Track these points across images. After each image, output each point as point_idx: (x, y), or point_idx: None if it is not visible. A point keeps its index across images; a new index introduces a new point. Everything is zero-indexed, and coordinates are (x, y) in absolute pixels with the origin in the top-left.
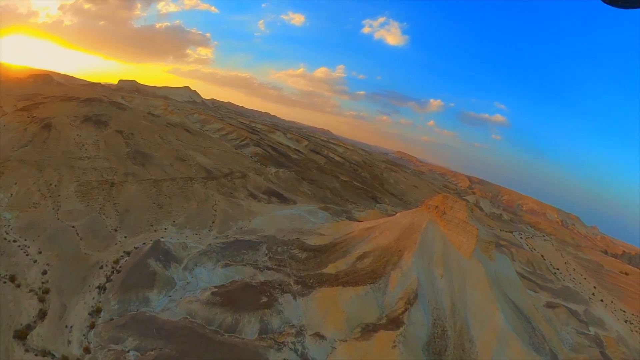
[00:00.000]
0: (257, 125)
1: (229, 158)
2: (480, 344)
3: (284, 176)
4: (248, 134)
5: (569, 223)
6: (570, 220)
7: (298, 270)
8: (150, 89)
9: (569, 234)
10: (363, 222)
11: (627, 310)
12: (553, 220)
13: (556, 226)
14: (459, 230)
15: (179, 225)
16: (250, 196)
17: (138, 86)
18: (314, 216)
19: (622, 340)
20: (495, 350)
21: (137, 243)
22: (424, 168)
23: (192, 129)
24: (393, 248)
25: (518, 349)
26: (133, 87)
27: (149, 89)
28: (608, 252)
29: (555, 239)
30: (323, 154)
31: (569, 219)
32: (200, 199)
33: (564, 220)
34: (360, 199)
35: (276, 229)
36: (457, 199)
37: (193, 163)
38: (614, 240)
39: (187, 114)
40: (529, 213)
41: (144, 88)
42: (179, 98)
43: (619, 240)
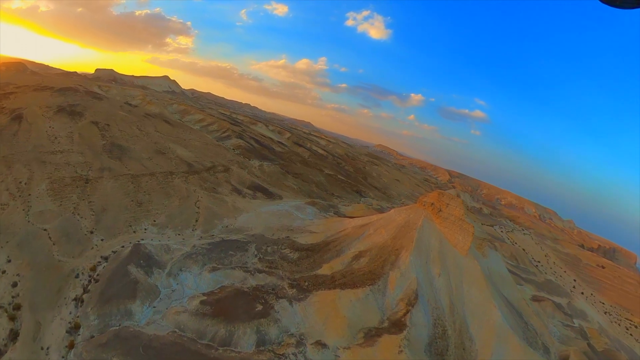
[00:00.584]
0: (239, 117)
1: (210, 151)
2: (479, 342)
3: (268, 170)
4: (230, 126)
5: (546, 217)
6: (547, 215)
7: (291, 272)
8: (128, 79)
9: (546, 228)
10: (355, 219)
11: (605, 302)
12: (531, 214)
13: (534, 220)
14: (456, 227)
15: (160, 224)
16: (235, 191)
17: (116, 75)
18: (302, 212)
19: (604, 332)
20: (494, 348)
21: (116, 246)
22: (405, 161)
23: (171, 120)
24: (390, 247)
25: (515, 345)
26: (110, 77)
27: (127, 78)
28: (584, 245)
29: (534, 232)
30: (306, 147)
31: (546, 213)
32: (182, 195)
33: (541, 215)
34: (346, 193)
35: (264, 227)
36: (453, 196)
37: (173, 156)
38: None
39: (166, 104)
40: (508, 207)
41: (121, 77)
42: (157, 88)
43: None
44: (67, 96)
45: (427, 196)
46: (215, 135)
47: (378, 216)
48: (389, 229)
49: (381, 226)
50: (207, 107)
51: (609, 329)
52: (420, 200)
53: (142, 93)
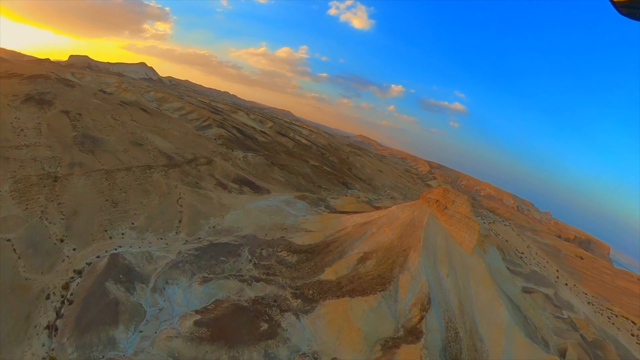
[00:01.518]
0: (219, 105)
1: (191, 141)
2: (489, 342)
3: (253, 161)
4: (210, 114)
5: (524, 208)
6: (525, 206)
7: (292, 279)
8: (103, 66)
9: (525, 219)
10: (353, 216)
11: (587, 292)
12: (509, 206)
13: (513, 211)
14: (461, 225)
15: (139, 227)
16: (219, 186)
17: (90, 62)
18: (293, 207)
19: (590, 322)
20: (504, 346)
21: (90, 256)
22: (385, 152)
23: (149, 108)
24: (397, 247)
25: (522, 342)
26: (85, 63)
27: (102, 65)
28: (561, 236)
29: (513, 223)
30: (290, 137)
31: (524, 205)
32: (162, 191)
33: (519, 206)
34: (332, 185)
35: (255, 226)
36: (459, 192)
37: (151, 148)
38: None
39: (142, 91)
40: (487, 198)
41: (96, 64)
42: (134, 75)
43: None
44: (36, 84)
45: (431, 192)
46: (195, 125)
47: (379, 213)
48: (393, 228)
49: (384, 224)
50: (186, 94)
51: (593, 319)
52: (424, 197)
53: (118, 80)
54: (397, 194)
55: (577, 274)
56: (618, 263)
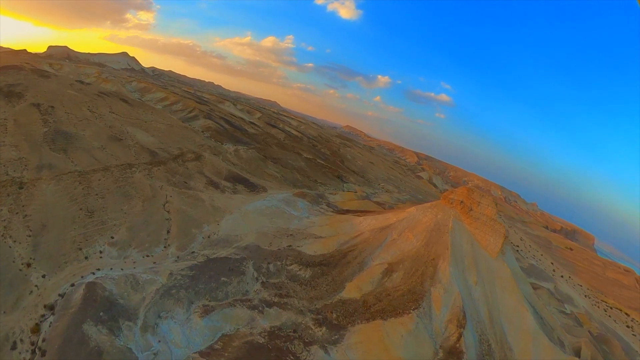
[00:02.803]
0: (204, 95)
1: (176, 134)
2: (518, 350)
3: (245, 155)
4: (196, 105)
5: (511, 200)
6: (512, 197)
7: (309, 300)
8: (83, 56)
9: (513, 211)
10: (366, 218)
11: (582, 285)
12: (497, 197)
13: (501, 202)
14: (487, 228)
15: (120, 242)
16: (211, 185)
17: (70, 53)
18: (294, 207)
19: (590, 316)
20: (533, 353)
21: (63, 284)
22: (373, 143)
23: (130, 99)
24: (424, 256)
25: (547, 347)
26: (64, 54)
27: (83, 56)
28: (548, 227)
29: (503, 215)
30: (280, 128)
31: (511, 196)
32: (146, 195)
33: (507, 197)
34: (328, 179)
35: (257, 234)
36: (484, 193)
37: (132, 143)
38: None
39: (124, 82)
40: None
41: (76, 55)
42: (115, 65)
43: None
44: (7, 75)
45: (454, 192)
46: (181, 116)
47: (396, 215)
48: (417, 234)
49: (406, 229)
50: (170, 84)
51: (593, 312)
52: (447, 197)
53: (98, 70)
54: (391, 186)
55: (570, 265)
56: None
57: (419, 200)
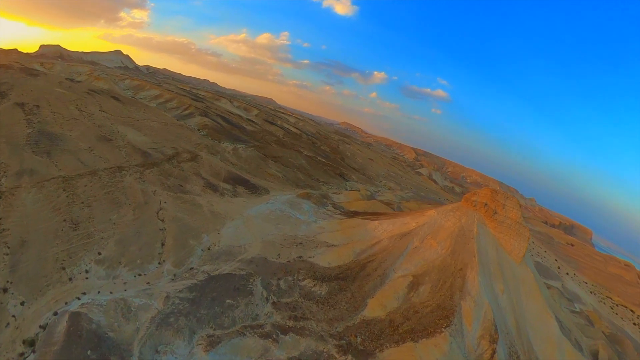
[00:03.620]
0: (200, 92)
1: (171, 133)
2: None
3: (245, 154)
4: (191, 102)
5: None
6: (511, 193)
7: (329, 322)
8: (76, 55)
9: None
10: (382, 223)
11: (587, 281)
12: None
13: None
14: (512, 232)
15: (108, 260)
16: (209, 187)
17: (62, 52)
18: (300, 210)
19: (599, 314)
20: None
21: (44, 313)
22: (370, 139)
23: (121, 97)
24: (451, 266)
25: (571, 352)
26: (57, 53)
27: (76, 54)
28: (547, 222)
29: None
30: (278, 125)
31: (509, 191)
32: (137, 202)
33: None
34: (330, 177)
35: (262, 243)
36: (508, 194)
37: (123, 143)
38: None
39: (117, 80)
40: (474, 185)
41: (69, 54)
42: (109, 64)
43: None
44: None
45: (477, 194)
46: (176, 114)
47: (415, 219)
48: (441, 240)
49: (428, 235)
50: (164, 82)
51: (601, 310)
52: (469, 199)
53: (90, 69)
54: (393, 183)
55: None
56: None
57: (421, 198)
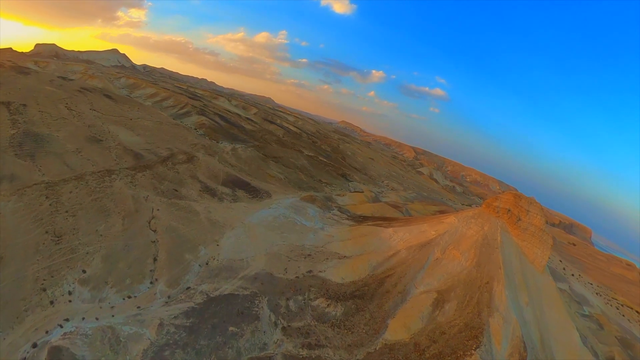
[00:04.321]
0: (197, 91)
1: (166, 132)
2: None
3: (244, 155)
4: (188, 100)
5: None
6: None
7: (347, 349)
8: (72, 54)
9: None
10: (397, 231)
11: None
12: (495, 191)
13: None
14: (535, 240)
15: (94, 279)
16: (206, 192)
17: (58, 51)
18: (304, 215)
19: (608, 317)
20: None
21: (22, 345)
22: (369, 138)
23: (114, 95)
24: (477, 280)
25: None
26: (52, 52)
27: (71, 54)
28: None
29: None
30: (277, 124)
31: (509, 191)
32: (127, 210)
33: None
34: (332, 178)
35: (267, 255)
36: (531, 199)
37: (114, 144)
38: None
39: (112, 78)
40: (473, 184)
41: (65, 53)
42: (105, 63)
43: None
44: None
45: (499, 199)
46: (172, 112)
47: (432, 226)
48: (464, 251)
49: (450, 245)
50: (161, 80)
51: (608, 312)
52: (491, 205)
53: (85, 67)
54: (396, 183)
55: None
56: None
57: (425, 199)
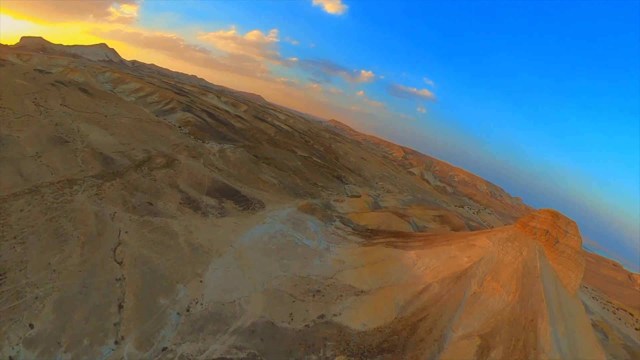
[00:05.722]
0: (185, 87)
1: (145, 131)
2: None
3: (233, 157)
4: (174, 96)
5: (496, 194)
6: (497, 192)
7: None
8: (59, 48)
9: (500, 205)
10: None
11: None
12: (484, 192)
13: (488, 197)
14: (571, 264)
15: (43, 338)
16: (188, 204)
17: (45, 44)
18: (305, 232)
19: (608, 323)
20: None
21: None
22: (359, 137)
23: (91, 89)
24: (521, 317)
25: None
26: (38, 46)
27: (59, 47)
28: None
29: (494, 211)
30: (269, 122)
31: (496, 190)
32: (88, 233)
33: (492, 192)
34: (328, 181)
35: (265, 295)
36: (569, 219)
37: (81, 146)
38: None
39: (96, 72)
40: (461, 184)
41: (52, 47)
42: (93, 57)
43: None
44: None
45: (536, 219)
46: (156, 109)
47: (464, 251)
48: (504, 283)
49: (487, 275)
50: (148, 76)
51: (607, 317)
52: (527, 225)
53: (69, 61)
54: (390, 185)
55: None
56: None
57: (421, 202)
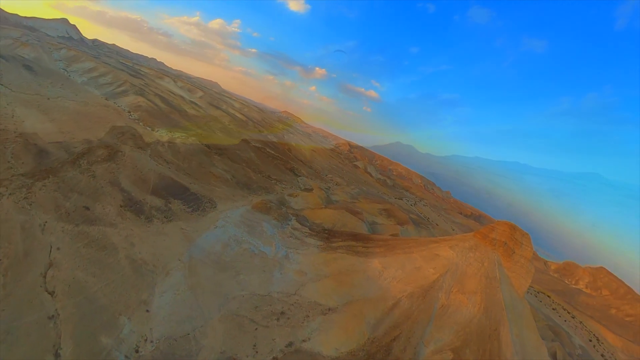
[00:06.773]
0: (142, 69)
1: (90, 117)
2: None
3: (184, 148)
4: (128, 78)
5: (429, 187)
6: (430, 185)
7: None
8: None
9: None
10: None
11: None
12: (418, 185)
13: (422, 190)
14: (523, 271)
15: None
16: (129, 207)
17: None
18: (260, 236)
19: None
20: None
21: None
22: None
23: (38, 66)
24: (487, 328)
25: None
26: None
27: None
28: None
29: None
30: (223, 109)
31: (428, 184)
32: (12, 253)
33: (426, 185)
34: (282, 174)
35: (222, 323)
36: (524, 231)
37: (13, 135)
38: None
39: (51, 48)
40: (399, 177)
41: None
42: (52, 32)
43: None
44: None
45: (495, 231)
46: (107, 91)
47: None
48: (470, 294)
49: (453, 287)
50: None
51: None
52: (487, 237)
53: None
54: (339, 178)
55: None
56: None
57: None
